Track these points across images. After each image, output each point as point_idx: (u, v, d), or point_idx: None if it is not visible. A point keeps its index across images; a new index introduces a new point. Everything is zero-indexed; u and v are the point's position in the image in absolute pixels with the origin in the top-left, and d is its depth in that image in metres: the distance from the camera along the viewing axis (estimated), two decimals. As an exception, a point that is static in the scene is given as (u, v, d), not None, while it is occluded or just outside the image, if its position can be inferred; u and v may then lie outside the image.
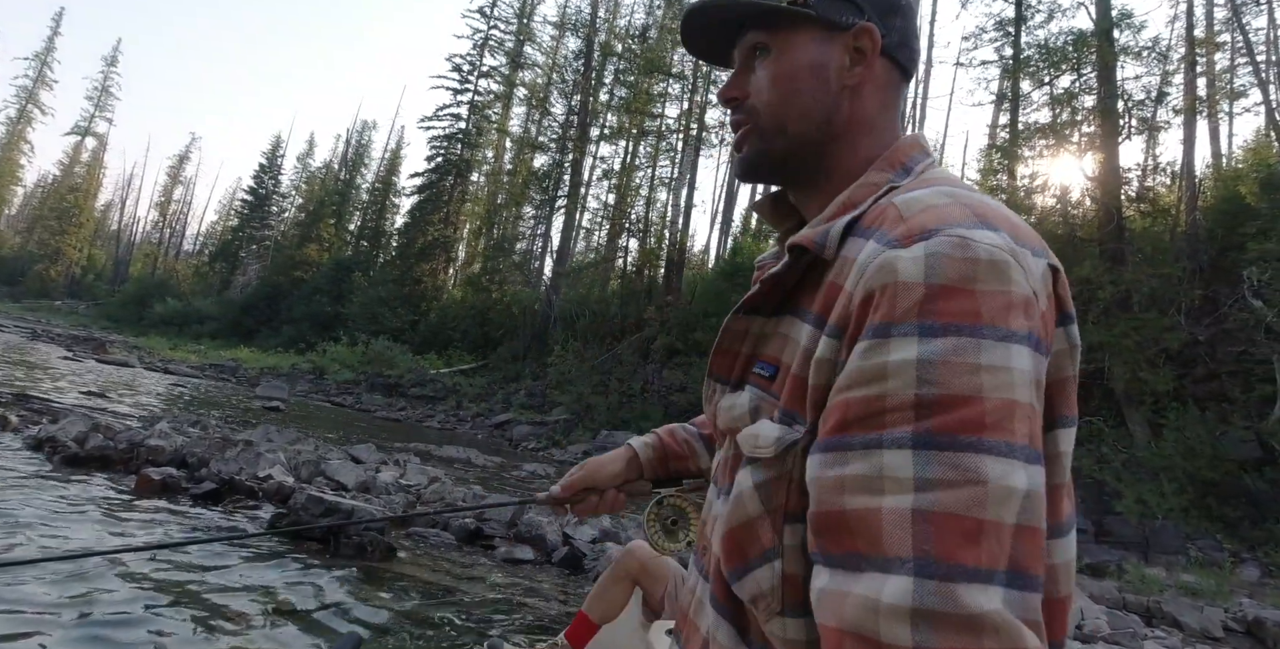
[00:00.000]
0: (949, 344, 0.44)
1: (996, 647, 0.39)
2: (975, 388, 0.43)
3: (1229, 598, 5.98)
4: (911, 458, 0.43)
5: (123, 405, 8.64)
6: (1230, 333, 10.57)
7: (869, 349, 0.47)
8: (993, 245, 0.47)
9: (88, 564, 3.02)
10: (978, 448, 0.42)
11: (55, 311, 39.63)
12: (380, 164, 44.09)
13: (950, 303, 0.45)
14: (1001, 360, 0.44)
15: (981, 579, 0.40)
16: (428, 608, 3.24)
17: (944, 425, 0.43)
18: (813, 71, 0.64)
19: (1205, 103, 15.25)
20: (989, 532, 0.41)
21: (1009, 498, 0.42)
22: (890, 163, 0.62)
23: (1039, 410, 0.46)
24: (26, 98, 51.32)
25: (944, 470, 0.42)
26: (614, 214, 24.81)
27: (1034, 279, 0.48)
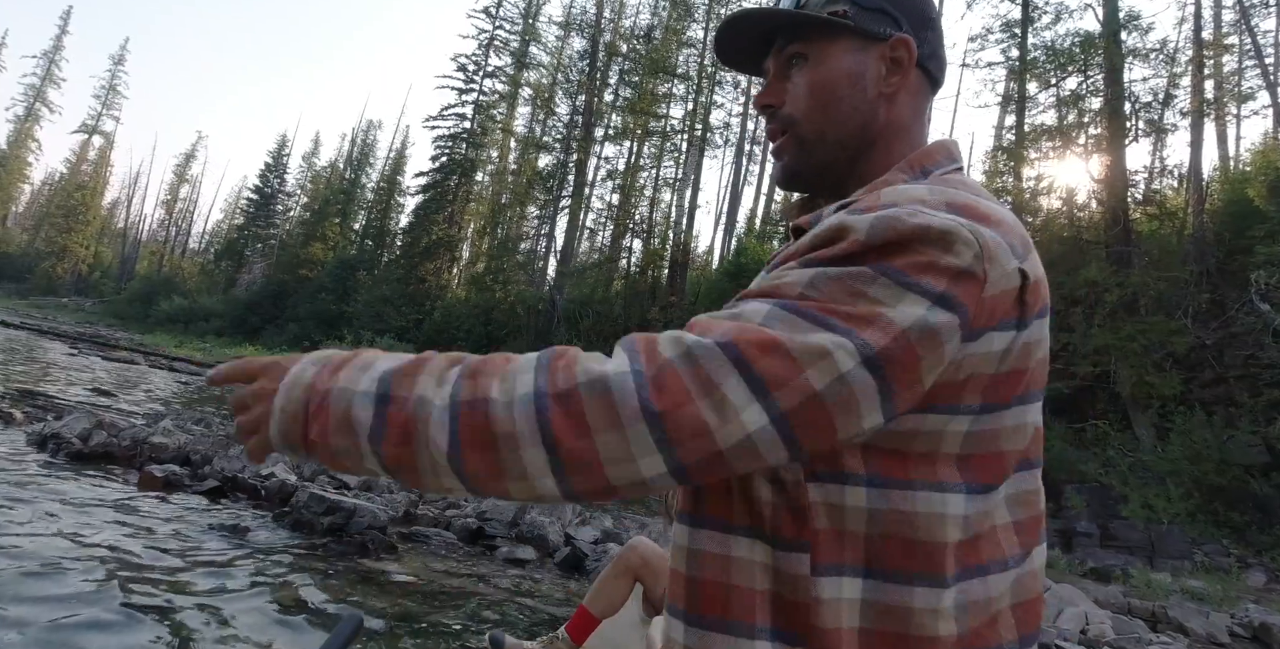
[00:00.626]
0: (850, 270, 0.50)
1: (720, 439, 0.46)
2: (846, 295, 0.50)
3: (1235, 603, 5.94)
4: (765, 311, 0.50)
5: (127, 403, 8.66)
6: (1237, 337, 10.51)
7: (786, 266, 0.54)
8: (947, 220, 0.51)
9: (91, 559, 3.02)
10: (821, 321, 0.49)
11: (62, 309, 39.83)
12: (385, 163, 44.20)
13: (871, 249, 0.51)
14: (890, 298, 0.49)
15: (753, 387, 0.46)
16: (428, 607, 3.23)
17: (810, 303, 0.50)
18: (850, 79, 0.67)
19: (1213, 105, 15.17)
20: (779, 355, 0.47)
21: (822, 362, 0.47)
22: (912, 164, 0.66)
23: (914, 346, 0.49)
24: (34, 96, 51.62)
25: (782, 324, 0.49)
26: (618, 214, 24.82)
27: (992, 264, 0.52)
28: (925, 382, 0.51)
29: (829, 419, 0.48)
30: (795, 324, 0.49)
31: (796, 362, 0.47)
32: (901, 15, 0.68)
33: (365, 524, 4.01)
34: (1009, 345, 0.55)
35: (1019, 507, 0.59)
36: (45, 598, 2.60)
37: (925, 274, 0.50)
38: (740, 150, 25.59)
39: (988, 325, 0.53)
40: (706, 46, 24.79)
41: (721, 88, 24.71)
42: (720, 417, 0.46)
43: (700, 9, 25.40)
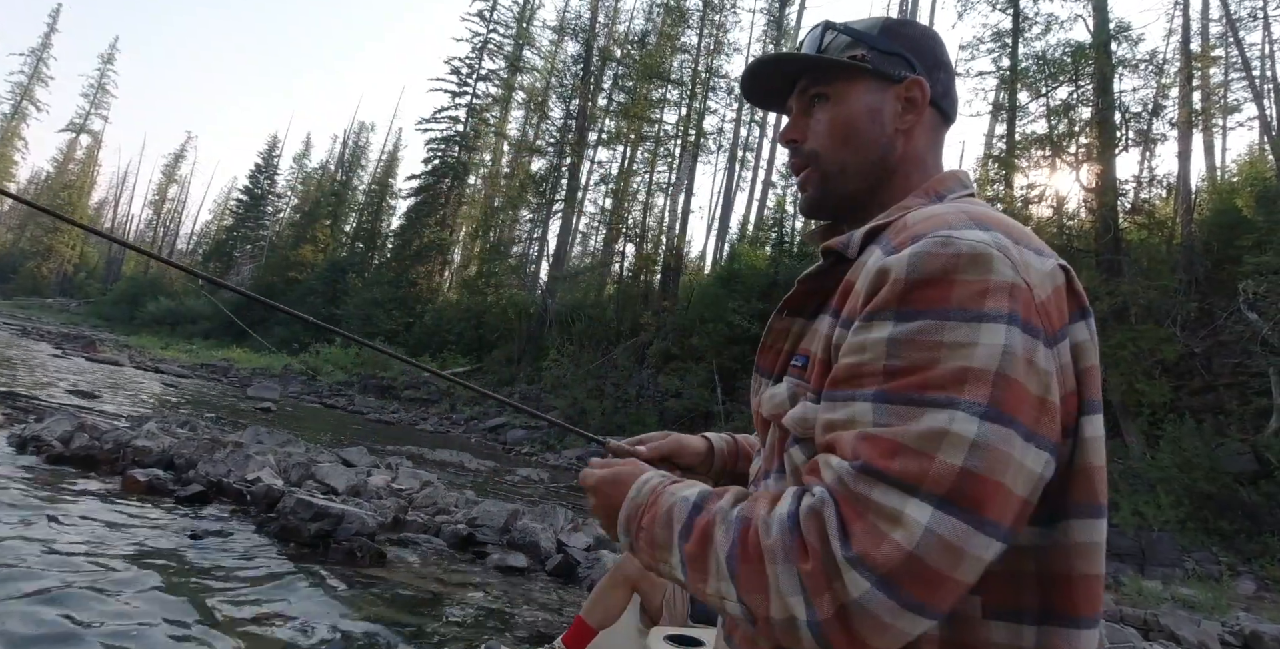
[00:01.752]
0: (916, 326, 0.53)
1: (893, 537, 0.48)
2: (933, 359, 0.52)
3: (1226, 611, 5.95)
4: (871, 409, 0.53)
5: (111, 405, 8.52)
6: (1226, 345, 10.59)
7: (857, 329, 0.58)
8: (976, 240, 0.55)
9: (75, 566, 2.93)
10: (922, 403, 0.51)
11: (46, 309, 39.33)
12: (377, 165, 44.02)
13: (925, 292, 0.54)
14: (967, 337, 0.52)
15: (901, 488, 0.49)
16: (418, 616, 3.16)
17: (899, 386, 0.53)
18: (869, 116, 0.73)
19: (1200, 116, 15.34)
20: (908, 455, 0.50)
21: (945, 441, 0.49)
22: (927, 191, 0.71)
23: (1021, 381, 0.52)
24: (22, 94, 51.09)
25: (891, 417, 0.52)
26: (611, 218, 24.79)
27: (1028, 270, 0.55)
28: (1049, 399, 0.53)
29: (992, 487, 0.49)
30: (903, 414, 0.52)
31: (922, 453, 0.50)
32: (916, 59, 0.74)
33: (354, 531, 3.93)
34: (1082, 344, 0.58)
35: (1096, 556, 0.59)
36: (14, 607, 2.51)
37: (985, 300, 0.53)
38: (733, 156, 25.63)
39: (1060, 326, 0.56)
40: (700, 52, 24.88)
41: (715, 94, 24.77)
42: (892, 525, 0.49)
43: (694, 15, 25.48)
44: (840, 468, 0.52)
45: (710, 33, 25.25)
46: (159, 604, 2.75)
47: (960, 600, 0.51)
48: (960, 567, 0.48)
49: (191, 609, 2.76)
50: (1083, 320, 0.59)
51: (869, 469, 0.51)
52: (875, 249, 0.62)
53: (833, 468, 0.53)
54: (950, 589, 0.49)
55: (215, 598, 2.92)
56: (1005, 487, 0.50)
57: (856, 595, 0.48)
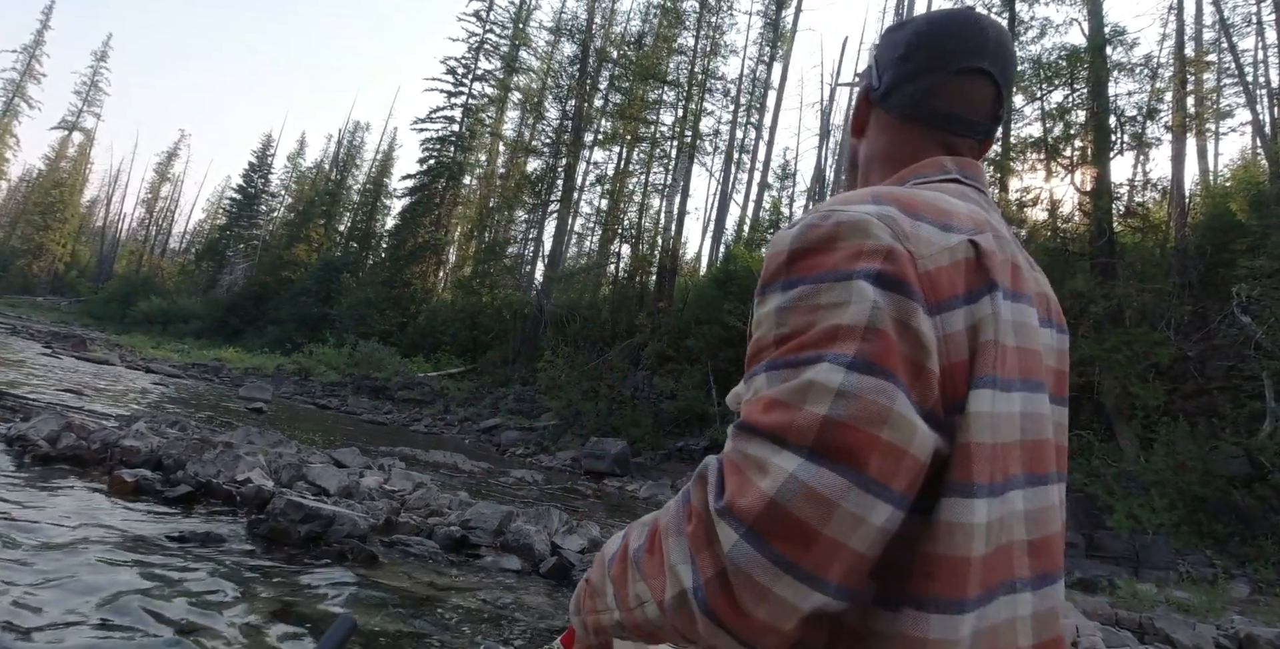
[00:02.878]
0: (796, 292, 0.55)
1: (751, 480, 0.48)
2: (810, 322, 0.53)
3: (1220, 614, 5.94)
4: (765, 378, 0.54)
5: (100, 404, 8.43)
6: (1219, 348, 10.62)
7: (756, 306, 0.59)
8: (859, 211, 0.57)
9: (57, 569, 2.88)
10: (797, 363, 0.52)
11: (37, 308, 39.03)
12: (372, 165, 43.86)
13: (806, 260, 0.56)
14: (840, 297, 0.53)
15: (771, 439, 0.49)
16: (410, 619, 3.11)
17: (784, 352, 0.53)
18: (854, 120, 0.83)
19: (1194, 120, 15.41)
20: (779, 407, 0.50)
21: (810, 391, 0.50)
22: (898, 178, 0.73)
23: (891, 333, 0.52)
24: (14, 91, 50.71)
25: (775, 381, 0.52)
26: (607, 219, 24.76)
27: (916, 240, 0.56)
28: (926, 365, 0.52)
29: (867, 439, 0.48)
30: (783, 376, 0.52)
31: (790, 405, 0.50)
32: (879, 65, 0.80)
33: (345, 532, 3.88)
34: (983, 318, 0.57)
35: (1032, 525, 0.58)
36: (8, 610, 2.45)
37: (856, 261, 0.54)
38: (729, 158, 25.64)
39: (950, 296, 0.56)
40: (697, 54, 24.88)
41: (712, 95, 24.79)
42: (760, 473, 0.48)
43: (691, 17, 25.49)
44: (729, 432, 0.54)
45: (707, 35, 25.26)
46: (141, 607, 2.70)
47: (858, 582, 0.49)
48: (832, 522, 0.46)
49: (176, 613, 2.71)
50: (989, 295, 0.58)
51: (744, 425, 0.51)
52: None
53: (728, 435, 0.54)
54: (827, 550, 0.46)
55: (201, 601, 2.86)
56: (885, 441, 0.48)
57: (728, 549, 0.47)
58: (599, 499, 9.20)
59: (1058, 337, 0.70)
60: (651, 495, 10.18)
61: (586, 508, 7.96)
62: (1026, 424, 0.59)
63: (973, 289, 0.58)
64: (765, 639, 0.48)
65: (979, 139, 0.77)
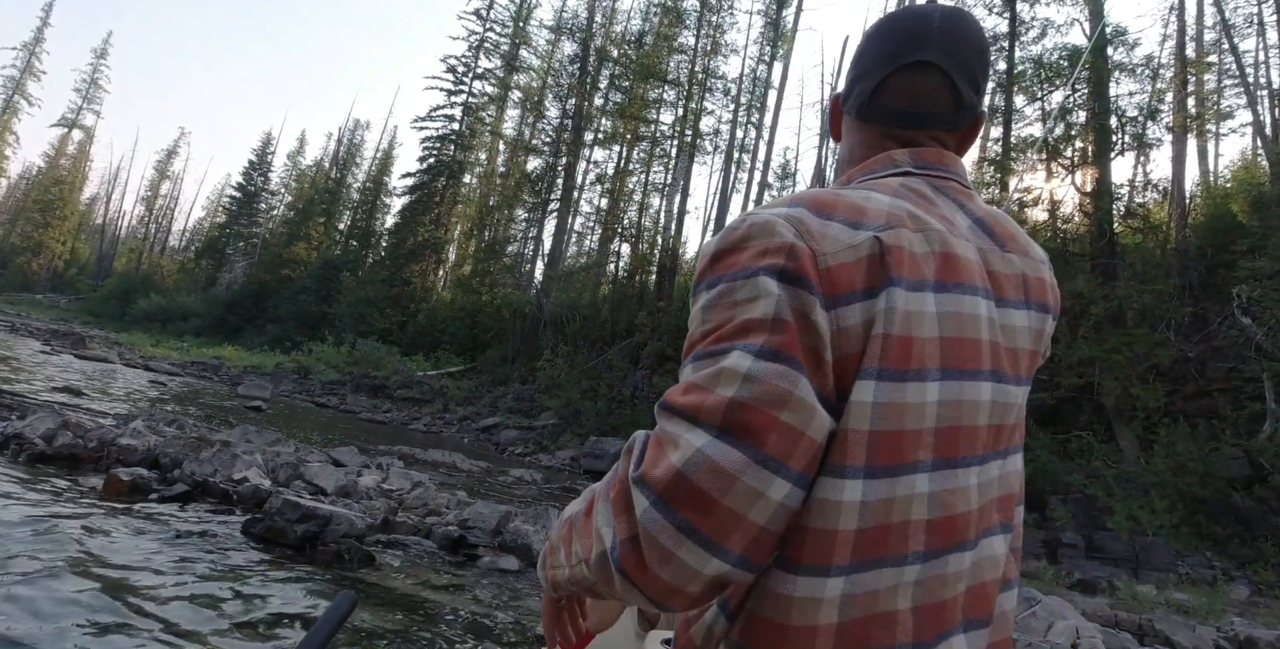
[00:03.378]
0: (716, 291, 0.60)
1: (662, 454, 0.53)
2: (729, 317, 0.58)
3: (1220, 616, 5.93)
4: (690, 369, 0.58)
5: (98, 402, 8.40)
6: (1220, 350, 10.61)
7: (691, 305, 0.63)
8: (771, 214, 0.62)
9: (50, 567, 2.86)
10: (715, 353, 0.57)
11: (36, 305, 38.99)
12: (372, 163, 43.80)
13: (722, 261, 0.61)
14: (749, 293, 0.58)
15: (684, 418, 0.54)
16: (407, 618, 3.10)
17: (706, 344, 0.58)
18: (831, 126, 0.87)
19: (1195, 121, 15.40)
20: (695, 390, 0.55)
21: (721, 376, 0.54)
22: (849, 177, 0.76)
23: (793, 323, 0.56)
24: (13, 88, 50.63)
25: (698, 370, 0.57)
26: (606, 219, 24.73)
27: (820, 238, 0.60)
28: (824, 355, 0.57)
29: (767, 420, 0.52)
30: (703, 365, 0.56)
31: (704, 388, 0.55)
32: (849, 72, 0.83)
33: (341, 532, 3.86)
34: (877, 313, 0.59)
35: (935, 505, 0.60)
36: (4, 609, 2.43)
37: (763, 258, 0.59)
38: (729, 157, 25.59)
39: (847, 291, 0.59)
40: (697, 53, 24.84)
41: (712, 95, 24.76)
42: (671, 447, 0.53)
43: (691, 16, 25.45)
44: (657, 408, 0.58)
45: (707, 34, 25.21)
46: (135, 607, 2.68)
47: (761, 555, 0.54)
48: (731, 494, 0.51)
49: (170, 612, 2.69)
50: (885, 291, 0.60)
51: (664, 405, 0.56)
52: None
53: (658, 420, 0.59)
54: (727, 519, 0.51)
55: (196, 601, 2.85)
56: (784, 422, 0.52)
57: (639, 513, 0.52)
58: (598, 499, 9.18)
59: (1037, 316, 0.72)
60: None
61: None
62: (943, 412, 0.61)
63: (872, 285, 0.60)
64: (672, 600, 0.53)
65: (946, 129, 0.77)
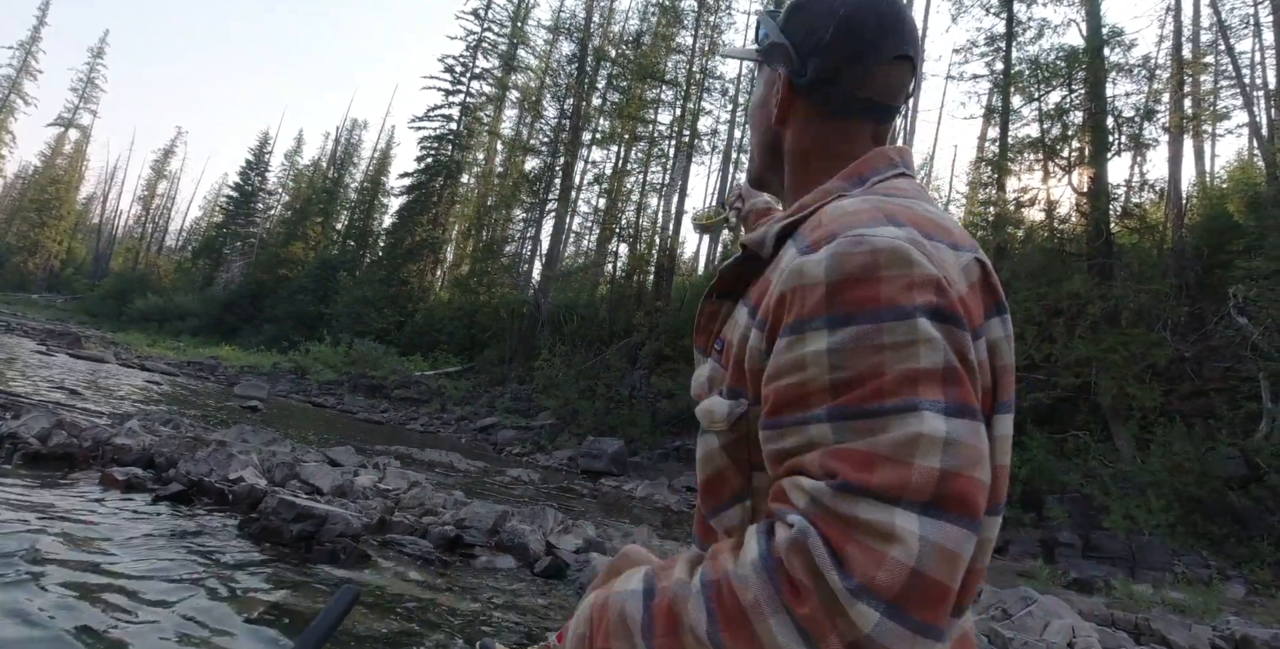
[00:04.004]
0: (852, 332, 0.51)
1: (892, 555, 0.45)
2: (878, 364, 0.50)
3: (1216, 615, 5.94)
4: (830, 429, 0.50)
5: (94, 402, 8.38)
6: (1216, 350, 10.63)
7: (788, 345, 0.54)
8: (890, 237, 0.54)
9: (51, 572, 2.84)
10: (882, 412, 0.49)
11: (32, 305, 38.86)
12: (369, 163, 43.75)
13: (850, 293, 0.52)
14: (905, 336, 0.50)
15: (886, 500, 0.47)
16: (402, 619, 3.09)
17: (853, 400, 0.50)
18: (761, 108, 0.76)
19: (1191, 122, 15.43)
20: (886, 464, 0.48)
21: (920, 444, 0.48)
22: (852, 173, 0.69)
23: (962, 370, 0.51)
24: (10, 87, 50.48)
25: (855, 433, 0.50)
26: (604, 219, 24.73)
27: (945, 265, 0.55)
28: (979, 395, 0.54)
29: (972, 484, 0.48)
30: (867, 427, 0.49)
31: (898, 460, 0.48)
32: (805, 43, 0.71)
33: (337, 532, 3.84)
34: (995, 342, 0.58)
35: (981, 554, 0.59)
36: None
37: (911, 294, 0.52)
38: (728, 157, 25.62)
39: (979, 323, 0.56)
40: (695, 53, 24.84)
41: (710, 94, 24.77)
42: (888, 542, 0.46)
43: (689, 16, 25.46)
44: (815, 489, 0.49)
45: (705, 34, 25.22)
46: (130, 607, 2.67)
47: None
48: (957, 573, 0.47)
49: (164, 612, 2.68)
50: (998, 316, 0.59)
51: (849, 486, 0.48)
52: (791, 246, 0.62)
53: (805, 490, 0.50)
54: (949, 602, 0.47)
55: (189, 601, 2.84)
56: (980, 481, 0.49)
57: (868, 630, 0.44)
58: (595, 499, 9.18)
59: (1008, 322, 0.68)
60: (648, 495, 10.15)
61: (582, 507, 7.93)
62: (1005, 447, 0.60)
63: (987, 310, 0.58)
64: None
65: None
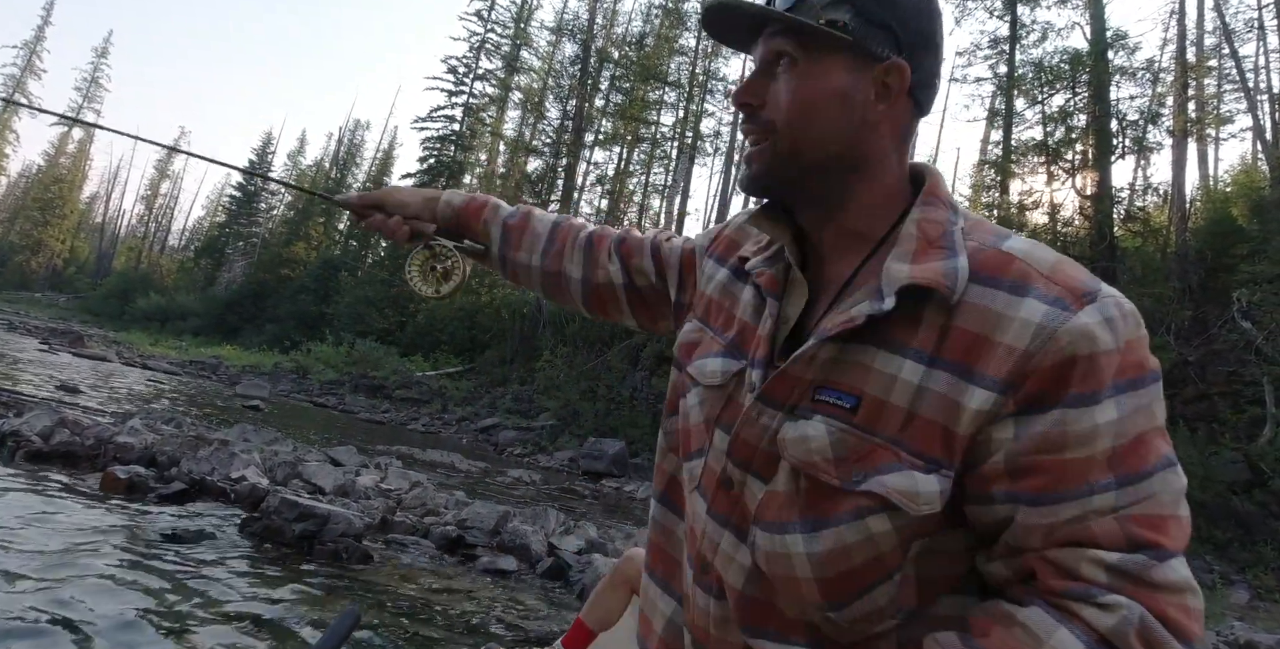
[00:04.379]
0: (1133, 398, 0.53)
1: (1198, 606, 0.51)
2: (1150, 422, 0.54)
3: (1221, 620, 5.91)
4: (1115, 495, 0.52)
5: (96, 401, 8.38)
6: (1220, 354, 10.60)
7: (1081, 415, 0.53)
8: (1126, 299, 0.57)
9: (46, 566, 2.83)
10: (1149, 473, 0.53)
11: (35, 304, 38.93)
12: (372, 164, 43.86)
13: (1132, 358, 0.54)
14: (1158, 393, 0.55)
15: (1179, 555, 0.51)
16: (405, 619, 3.07)
17: (1133, 465, 0.53)
18: (839, 100, 0.62)
19: (1195, 126, 15.42)
20: (1175, 522, 0.53)
21: (1180, 497, 0.53)
22: (937, 196, 0.64)
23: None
24: (14, 87, 50.61)
25: (1136, 495, 0.52)
26: (606, 220, 24.73)
27: None
28: None
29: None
30: (1144, 488, 0.52)
31: (1176, 517, 0.53)
32: (904, 34, 0.63)
33: (339, 531, 3.83)
34: None
35: None
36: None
37: (1153, 360, 0.55)
38: (730, 159, 25.61)
39: None
40: (698, 54, 24.88)
41: (712, 96, 24.79)
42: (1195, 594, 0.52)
43: (692, 18, 25.49)
44: (1126, 562, 0.51)
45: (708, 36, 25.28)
46: (132, 606, 2.66)
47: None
48: None
49: (166, 612, 2.67)
50: None
51: (1162, 553, 0.51)
52: (1006, 296, 0.56)
53: (1107, 563, 0.51)
54: None
55: (191, 600, 2.82)
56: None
57: None
58: (596, 500, 9.16)
59: None
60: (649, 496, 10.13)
61: (584, 508, 7.92)
62: None
63: None
64: None
65: None
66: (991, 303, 0.56)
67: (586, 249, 0.96)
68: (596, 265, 0.95)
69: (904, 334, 0.58)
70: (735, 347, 0.70)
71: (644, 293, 0.93)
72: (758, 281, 0.71)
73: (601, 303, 0.97)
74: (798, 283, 0.68)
